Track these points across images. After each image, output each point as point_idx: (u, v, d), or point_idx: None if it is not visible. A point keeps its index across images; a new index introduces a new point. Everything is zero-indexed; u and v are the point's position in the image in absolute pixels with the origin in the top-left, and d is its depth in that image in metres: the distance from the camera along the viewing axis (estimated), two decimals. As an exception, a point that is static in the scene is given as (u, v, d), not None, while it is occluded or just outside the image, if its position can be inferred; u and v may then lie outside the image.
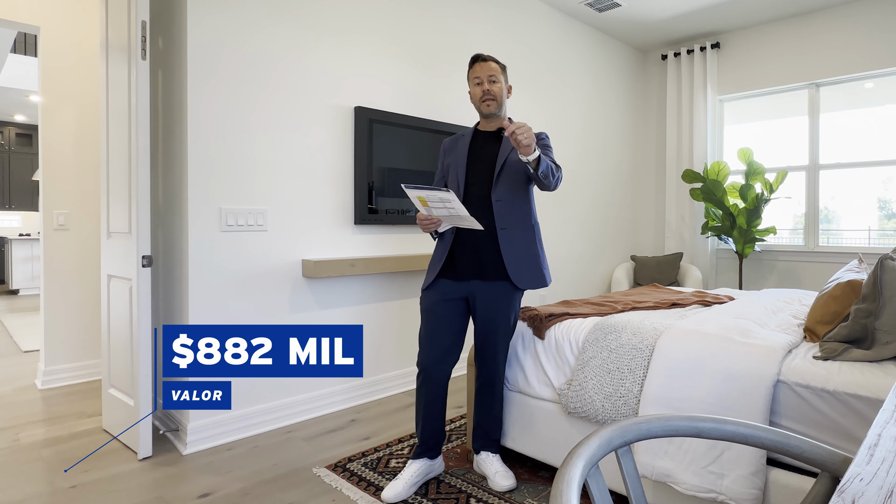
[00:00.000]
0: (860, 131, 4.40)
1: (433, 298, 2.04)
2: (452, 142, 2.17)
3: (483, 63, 2.04)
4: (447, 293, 2.03)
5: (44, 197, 3.31)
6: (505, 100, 2.08)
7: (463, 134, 2.16)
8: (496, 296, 2.02)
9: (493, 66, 2.04)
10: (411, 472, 1.99)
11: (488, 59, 2.05)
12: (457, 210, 1.80)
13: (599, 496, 0.74)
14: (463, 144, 2.11)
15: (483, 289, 2.02)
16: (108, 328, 2.56)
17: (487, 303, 2.02)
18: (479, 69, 2.04)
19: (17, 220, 8.61)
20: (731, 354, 1.66)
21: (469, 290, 2.03)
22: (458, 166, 2.06)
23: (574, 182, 4.56)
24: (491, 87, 2.02)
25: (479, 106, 2.07)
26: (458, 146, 2.12)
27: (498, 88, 2.04)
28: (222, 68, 2.48)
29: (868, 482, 0.57)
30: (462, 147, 2.10)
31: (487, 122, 2.11)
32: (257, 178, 2.60)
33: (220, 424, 2.46)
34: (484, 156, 2.06)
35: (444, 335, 2.03)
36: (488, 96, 2.03)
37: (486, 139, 2.10)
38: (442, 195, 1.77)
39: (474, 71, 2.05)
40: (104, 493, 1.98)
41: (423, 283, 2.09)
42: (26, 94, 6.74)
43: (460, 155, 2.08)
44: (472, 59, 2.07)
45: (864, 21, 4.19)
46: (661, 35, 4.96)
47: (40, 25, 3.25)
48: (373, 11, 3.08)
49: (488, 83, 2.02)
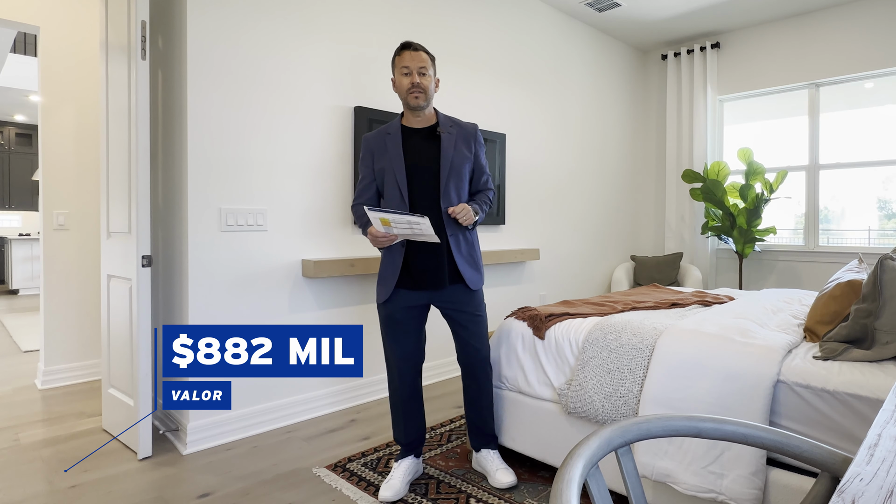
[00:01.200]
0: (860, 131, 4.39)
1: (393, 308, 1.99)
2: (378, 140, 2.00)
3: (414, 52, 1.93)
4: (407, 302, 1.99)
5: (44, 197, 3.31)
6: (433, 93, 1.99)
7: (387, 131, 2.01)
8: (459, 299, 2.02)
9: (423, 57, 1.94)
10: (403, 471, 2.00)
11: (419, 48, 1.95)
12: (423, 230, 1.78)
13: (599, 496, 0.74)
14: (394, 145, 1.97)
15: (444, 296, 2.01)
16: (108, 328, 2.56)
17: (454, 307, 2.02)
18: (408, 58, 1.93)
19: (17, 220, 8.61)
20: (731, 354, 1.66)
21: (429, 298, 2.02)
22: (396, 170, 1.94)
23: (574, 182, 4.56)
24: (421, 80, 1.92)
25: (405, 98, 1.96)
26: (388, 146, 1.97)
27: (427, 81, 1.94)
28: (222, 68, 2.48)
29: (868, 482, 0.57)
30: (394, 147, 1.96)
31: (414, 117, 2.00)
32: (257, 177, 2.60)
33: (220, 424, 2.46)
34: (423, 158, 1.97)
35: (409, 340, 2.03)
36: (417, 89, 1.92)
37: (420, 138, 2.00)
38: (412, 219, 1.75)
39: (403, 59, 1.93)
40: (104, 493, 1.98)
41: (379, 296, 2.01)
42: (26, 94, 6.74)
43: (394, 157, 1.95)
44: (402, 46, 1.95)
45: (864, 21, 4.19)
46: (661, 35, 4.96)
47: (40, 25, 3.25)
48: (373, 11, 3.08)
49: (418, 75, 1.92)
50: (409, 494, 1.95)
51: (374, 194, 2.05)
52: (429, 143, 1.99)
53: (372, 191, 2.05)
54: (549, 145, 4.30)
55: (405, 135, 2.00)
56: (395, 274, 1.96)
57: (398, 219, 1.77)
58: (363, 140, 2.06)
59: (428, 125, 2.03)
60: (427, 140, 2.00)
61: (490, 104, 3.77)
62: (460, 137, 2.02)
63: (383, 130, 2.03)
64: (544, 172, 4.26)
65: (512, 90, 3.94)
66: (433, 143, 1.99)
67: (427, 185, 1.96)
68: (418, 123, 2.02)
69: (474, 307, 2.04)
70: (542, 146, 4.23)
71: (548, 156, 4.28)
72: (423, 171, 1.96)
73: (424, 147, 1.99)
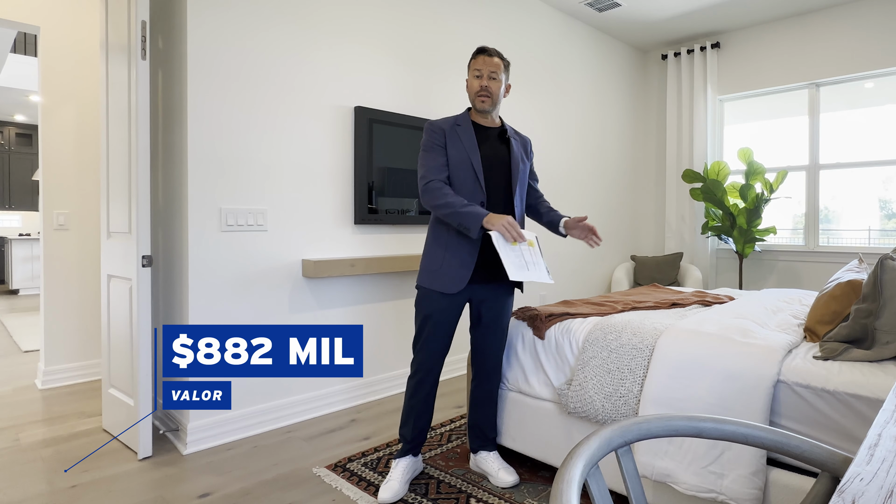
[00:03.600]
0: (860, 131, 4.39)
1: (442, 303, 1.95)
2: (451, 129, 1.99)
3: (487, 57, 1.97)
4: (455, 297, 1.98)
5: (44, 197, 3.31)
6: (501, 98, 2.02)
7: (457, 122, 2.01)
8: (500, 298, 2.05)
9: (495, 62, 1.98)
10: (402, 470, 1.99)
11: (493, 53, 1.99)
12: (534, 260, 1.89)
13: (599, 496, 0.74)
14: (468, 136, 1.98)
15: (489, 292, 2.02)
16: (108, 328, 2.56)
17: (493, 306, 2.04)
18: (481, 62, 1.97)
19: (17, 220, 8.61)
20: (732, 354, 1.66)
21: (472, 293, 2.01)
22: (473, 160, 1.95)
23: (574, 182, 4.56)
24: (489, 84, 1.96)
25: (473, 100, 2.01)
26: (461, 137, 1.98)
27: (496, 86, 1.98)
28: (222, 68, 2.48)
29: (868, 482, 0.57)
30: (468, 140, 1.97)
31: (482, 117, 2.04)
32: (257, 177, 2.60)
33: (220, 424, 2.46)
34: (496, 155, 2.01)
35: (445, 338, 2.02)
36: (485, 93, 1.97)
37: (492, 137, 2.04)
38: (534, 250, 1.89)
39: (476, 63, 1.98)
40: (104, 493, 1.98)
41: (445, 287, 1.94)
42: (26, 94, 6.74)
43: (470, 147, 1.96)
44: (478, 50, 2.00)
45: (864, 21, 4.19)
46: (661, 35, 4.96)
47: (40, 25, 3.25)
48: (373, 11, 3.08)
49: (488, 79, 1.96)
50: (408, 494, 1.95)
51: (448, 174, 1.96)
52: (499, 144, 2.05)
53: (447, 171, 1.96)
54: (549, 145, 4.30)
55: (476, 129, 2.03)
56: (470, 266, 1.93)
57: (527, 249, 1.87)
58: (429, 124, 2.01)
59: (496, 127, 2.08)
60: (497, 140, 2.05)
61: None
62: (521, 146, 2.10)
63: (452, 121, 2.02)
64: (544, 172, 4.24)
65: (512, 90, 3.93)
66: (503, 145, 2.05)
67: (499, 182, 2.01)
68: (488, 123, 2.06)
69: (504, 312, 2.09)
70: (541, 146, 4.22)
71: (548, 155, 4.28)
72: (497, 167, 2.01)
73: (496, 145, 2.04)
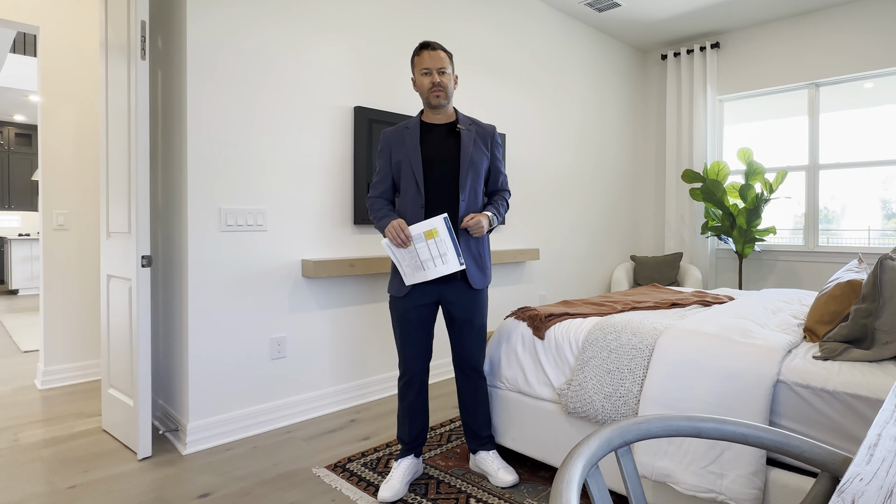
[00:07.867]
0: (860, 131, 4.39)
1: (407, 305, 2.01)
2: (396, 134, 2.04)
3: (432, 52, 1.96)
4: (420, 299, 2.01)
5: (43, 197, 3.31)
6: (452, 91, 2.03)
7: (406, 125, 2.04)
8: (465, 296, 2.04)
9: (441, 56, 1.97)
10: (403, 471, 2.00)
11: (437, 47, 1.98)
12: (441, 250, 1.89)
13: (599, 496, 0.74)
14: (412, 138, 2.00)
15: (452, 291, 2.02)
16: (108, 328, 2.56)
17: (462, 305, 2.04)
18: (427, 58, 1.96)
19: (17, 220, 8.61)
20: (731, 354, 1.66)
21: (439, 295, 2.03)
22: (413, 163, 1.97)
23: (574, 182, 4.56)
24: (441, 79, 1.97)
25: (426, 97, 2.00)
26: (405, 140, 2.01)
27: (447, 80, 1.98)
28: (222, 68, 2.48)
29: (868, 482, 0.57)
30: (411, 141, 2.00)
31: (434, 114, 2.04)
32: (257, 177, 2.60)
33: (220, 424, 2.46)
34: (441, 152, 2.01)
35: (419, 342, 2.04)
36: (438, 88, 1.97)
37: (439, 133, 2.03)
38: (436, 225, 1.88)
39: (422, 60, 1.97)
40: (104, 494, 1.98)
41: (397, 290, 2.02)
42: (26, 94, 6.74)
43: (412, 150, 1.98)
44: (420, 46, 1.99)
45: (864, 21, 4.20)
46: (661, 35, 4.96)
47: (40, 25, 3.25)
48: (373, 11, 3.08)
49: (438, 74, 1.96)
50: (408, 494, 1.95)
51: (389, 186, 2.07)
52: (448, 139, 2.03)
53: (388, 183, 2.06)
54: (549, 145, 4.30)
55: (424, 129, 2.04)
56: None
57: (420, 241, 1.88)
58: (382, 134, 2.08)
59: (448, 122, 2.07)
60: (446, 135, 2.04)
61: (490, 104, 3.77)
62: (478, 136, 2.07)
63: (402, 126, 2.06)
64: (544, 172, 4.26)
65: (512, 90, 3.94)
66: (452, 139, 2.03)
67: (444, 180, 1.99)
68: (438, 120, 2.06)
69: (475, 311, 2.06)
70: (542, 146, 4.23)
71: (548, 156, 4.28)
72: (440, 165, 1.99)
73: (443, 142, 2.02)
